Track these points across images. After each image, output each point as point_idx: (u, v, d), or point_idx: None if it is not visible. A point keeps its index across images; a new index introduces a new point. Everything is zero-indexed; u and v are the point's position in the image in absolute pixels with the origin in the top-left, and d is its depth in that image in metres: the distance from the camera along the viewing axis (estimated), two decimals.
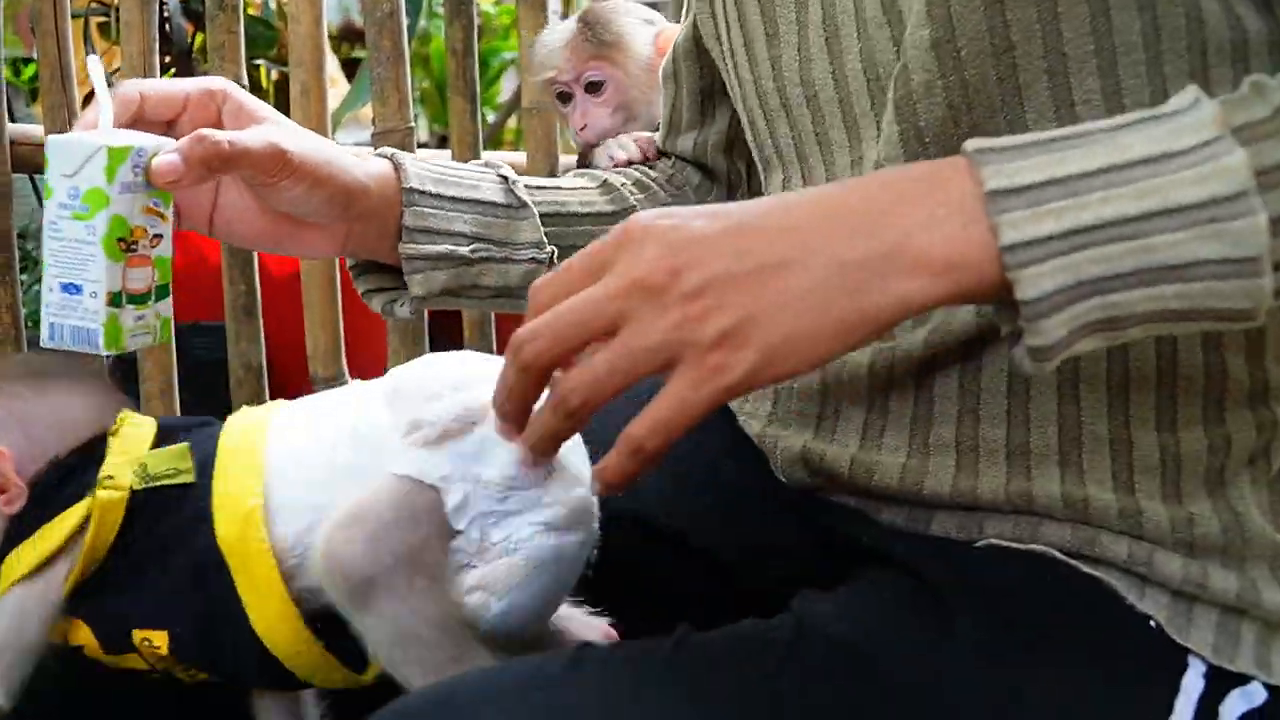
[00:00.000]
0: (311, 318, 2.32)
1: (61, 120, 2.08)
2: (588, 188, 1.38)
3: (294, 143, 1.15)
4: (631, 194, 1.39)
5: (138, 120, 1.17)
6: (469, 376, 1.01)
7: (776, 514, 1.13)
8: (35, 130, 2.11)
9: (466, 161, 2.42)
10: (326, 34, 2.33)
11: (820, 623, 0.95)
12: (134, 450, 1.08)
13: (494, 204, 1.28)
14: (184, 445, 1.08)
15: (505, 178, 1.30)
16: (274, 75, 3.57)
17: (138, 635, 1.05)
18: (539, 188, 1.34)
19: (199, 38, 3.42)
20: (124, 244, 1.13)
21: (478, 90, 2.48)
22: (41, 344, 1.16)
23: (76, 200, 1.14)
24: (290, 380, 2.49)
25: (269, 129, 1.16)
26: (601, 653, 0.95)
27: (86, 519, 1.03)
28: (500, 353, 0.90)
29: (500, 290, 1.29)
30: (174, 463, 1.06)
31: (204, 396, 2.34)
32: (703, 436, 1.20)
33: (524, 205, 1.29)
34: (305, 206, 1.18)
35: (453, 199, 1.26)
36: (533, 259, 1.28)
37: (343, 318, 2.34)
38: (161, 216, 1.17)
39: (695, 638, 0.93)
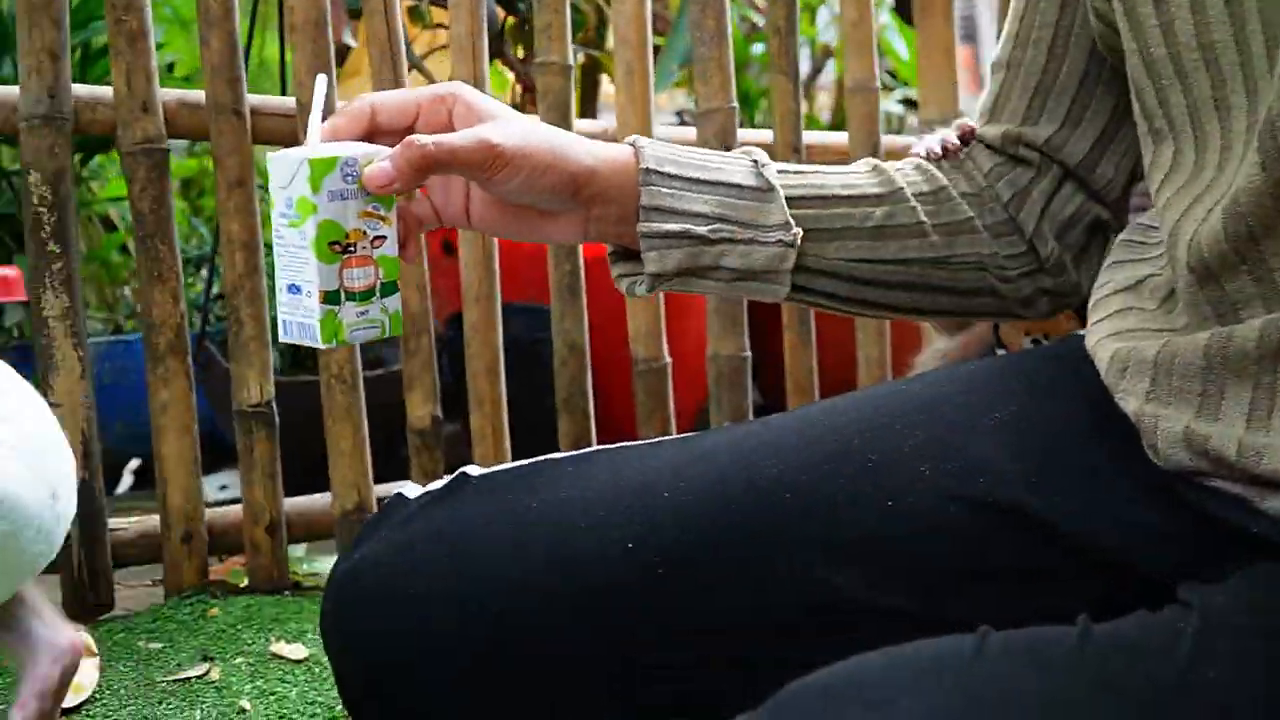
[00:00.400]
0: (633, 300, 2.32)
1: None
2: (855, 171, 1.36)
3: (506, 136, 1.19)
4: (906, 176, 1.35)
5: (375, 132, 1.24)
6: None
7: (1149, 498, 1.10)
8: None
9: (789, 143, 2.42)
10: (650, 13, 2.31)
11: (1223, 614, 0.94)
12: None
13: (739, 186, 1.28)
14: None
15: (756, 161, 1.30)
16: (580, 58, 3.59)
17: None
18: (798, 172, 1.33)
19: (508, 21, 3.46)
20: (338, 246, 1.23)
21: (799, 70, 2.44)
22: (280, 339, 1.27)
23: (291, 209, 1.25)
24: (610, 363, 2.50)
25: (482, 127, 1.20)
26: (1001, 640, 0.94)
27: None
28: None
29: (743, 273, 1.28)
30: None
31: (523, 376, 2.36)
32: (1069, 410, 1.16)
33: (771, 189, 1.28)
34: (530, 196, 1.23)
35: (693, 180, 1.27)
36: (779, 241, 1.27)
37: (664, 300, 2.32)
38: (383, 219, 1.26)
39: (1100, 628, 0.93)
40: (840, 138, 2.66)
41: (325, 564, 2.30)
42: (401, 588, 1.30)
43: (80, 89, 1.97)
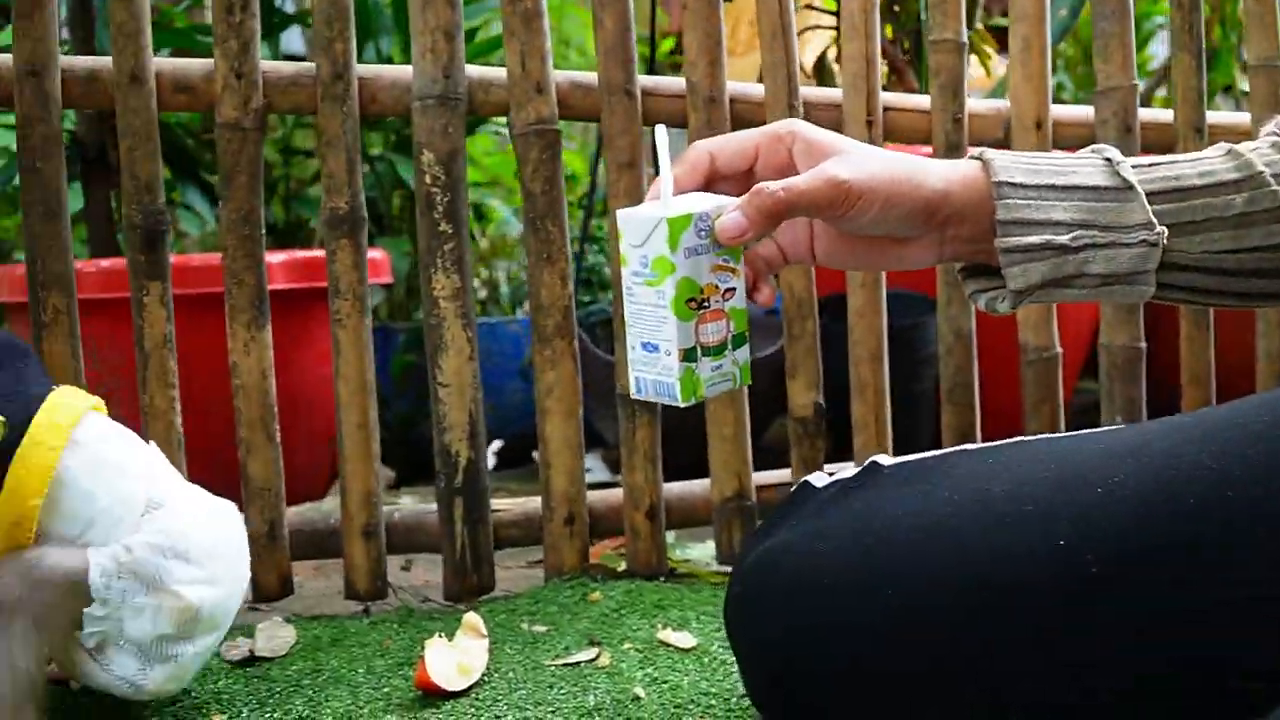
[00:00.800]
0: None
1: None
2: (1210, 157, 1.28)
3: (854, 171, 1.19)
4: (1264, 156, 1.27)
5: (713, 179, 1.27)
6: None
7: None
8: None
9: (1191, 122, 2.26)
10: None
11: None
12: None
13: (1096, 188, 1.23)
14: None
15: (1109, 159, 1.25)
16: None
17: None
18: (1150, 165, 1.26)
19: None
20: (694, 303, 1.24)
21: (1203, 46, 2.28)
22: (631, 395, 1.30)
23: (646, 268, 1.25)
24: (991, 351, 2.40)
25: (828, 164, 1.20)
26: None
27: None
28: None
29: (1108, 278, 1.23)
30: None
31: (894, 363, 2.27)
32: None
33: (1130, 187, 1.23)
34: (884, 226, 1.23)
35: (1049, 187, 1.24)
36: (1143, 241, 1.22)
37: None
38: (732, 271, 1.27)
39: None
40: (1242, 118, 2.49)
41: (697, 551, 2.27)
42: (812, 578, 1.27)
43: (473, 70, 1.98)
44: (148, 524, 1.44)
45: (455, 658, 1.66)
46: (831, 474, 1.42)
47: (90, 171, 3.00)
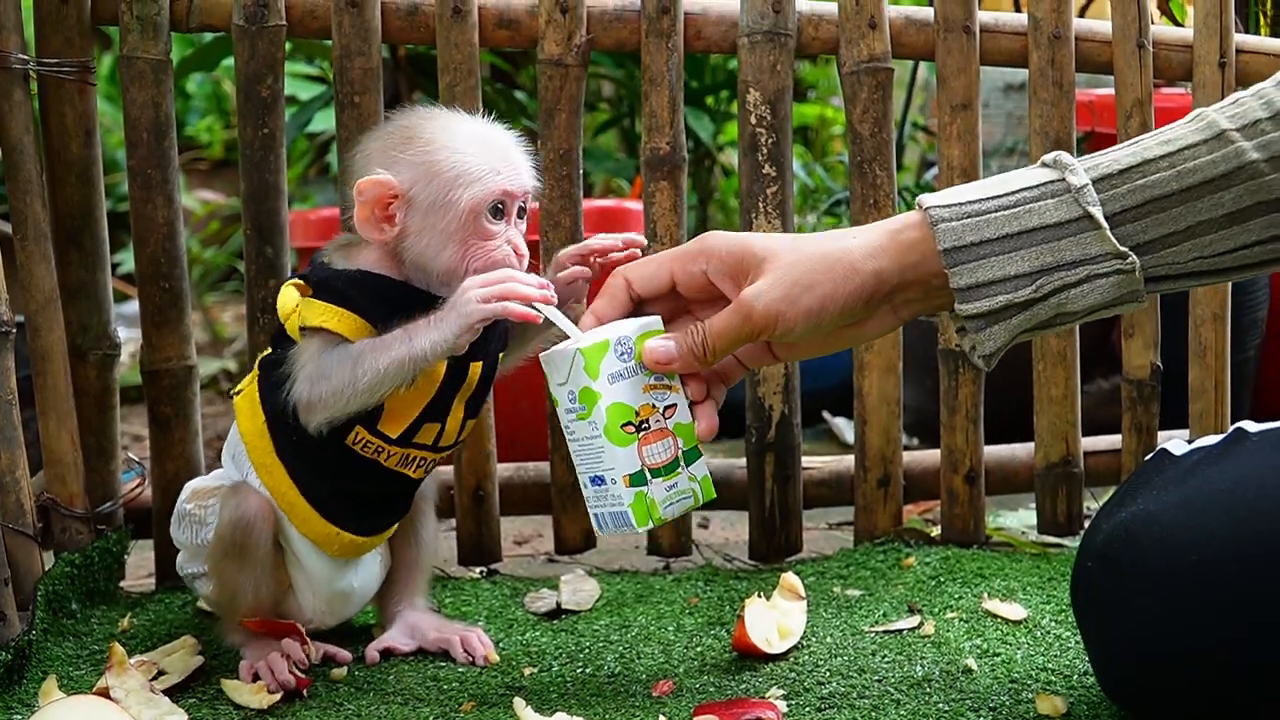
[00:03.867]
0: None
1: None
2: (1186, 141, 1.20)
3: (769, 295, 1.20)
4: (1245, 114, 1.19)
5: (639, 302, 1.30)
6: None
7: None
8: None
9: None
10: None
11: None
12: None
13: (1056, 225, 1.18)
14: None
15: (1065, 181, 1.19)
16: None
17: None
18: (1120, 172, 1.20)
19: None
20: (631, 427, 1.26)
21: None
22: (598, 535, 1.37)
23: (575, 402, 1.27)
24: None
25: (745, 294, 1.21)
26: None
27: None
28: None
29: (1092, 308, 1.19)
30: None
31: None
32: None
33: (1087, 217, 1.17)
34: (824, 329, 1.23)
35: (1001, 238, 1.19)
36: (1117, 270, 1.16)
37: None
38: (668, 388, 1.29)
39: None
40: None
41: (1012, 519, 2.16)
42: (1180, 551, 1.19)
43: (802, 4, 1.89)
44: None
45: (775, 619, 1.59)
46: (1190, 441, 1.32)
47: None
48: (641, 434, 1.27)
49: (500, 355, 1.50)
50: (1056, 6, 1.90)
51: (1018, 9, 2.72)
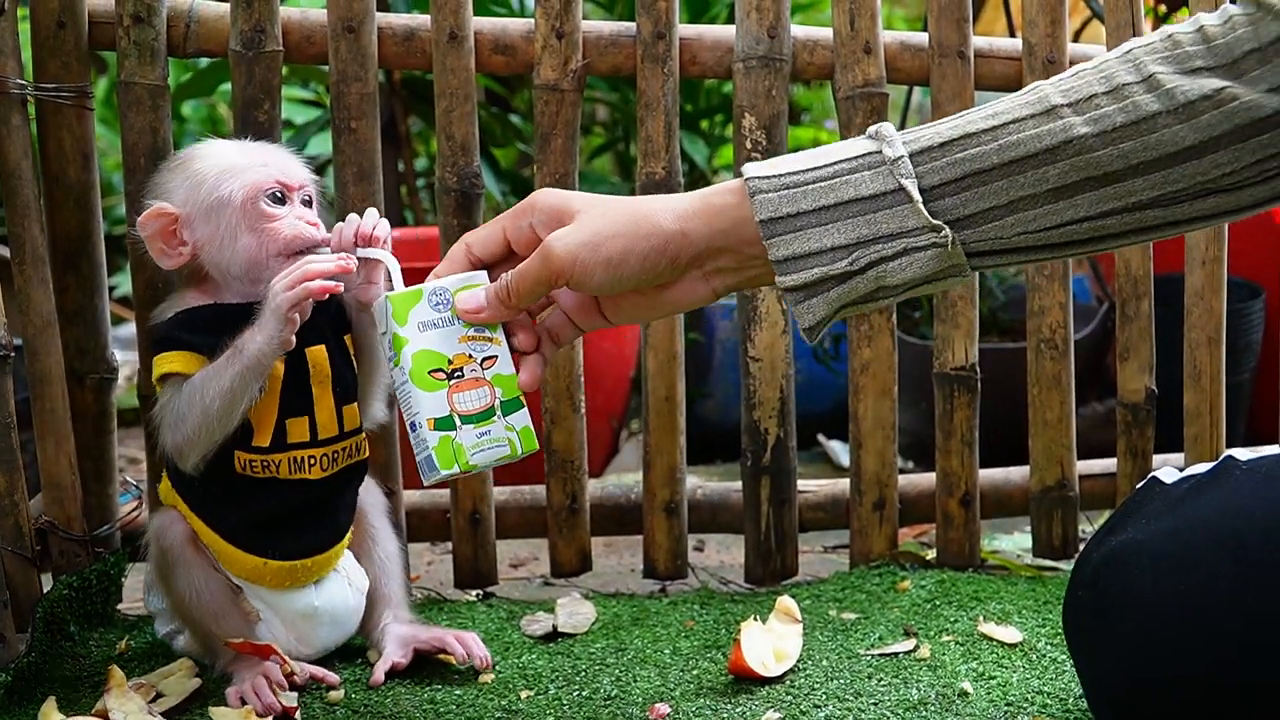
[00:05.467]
0: None
1: None
2: (1021, 116, 1.18)
3: (566, 244, 1.22)
4: (1083, 85, 1.18)
5: (475, 266, 1.32)
6: None
7: None
8: None
9: None
10: None
11: None
12: None
13: (871, 197, 1.17)
14: None
15: (883, 155, 1.17)
16: None
17: None
18: (941, 145, 1.18)
19: None
20: (440, 374, 1.30)
21: None
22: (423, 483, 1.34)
23: (389, 349, 1.32)
24: None
25: (549, 239, 1.23)
26: None
27: None
28: None
29: (912, 283, 1.17)
30: None
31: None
32: None
33: (899, 190, 1.16)
34: (627, 282, 1.23)
35: (817, 210, 1.18)
36: (933, 244, 1.14)
37: None
38: (489, 339, 1.32)
39: None
40: None
41: (1007, 542, 2.16)
42: (1172, 580, 1.20)
43: (798, 29, 1.89)
44: None
45: (770, 642, 1.59)
46: (1181, 469, 1.32)
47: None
48: (454, 381, 1.31)
49: (347, 336, 1.55)
50: (1051, 31, 1.90)
51: (1012, 34, 2.73)
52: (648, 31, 1.84)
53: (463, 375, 1.31)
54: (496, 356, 1.33)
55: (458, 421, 1.31)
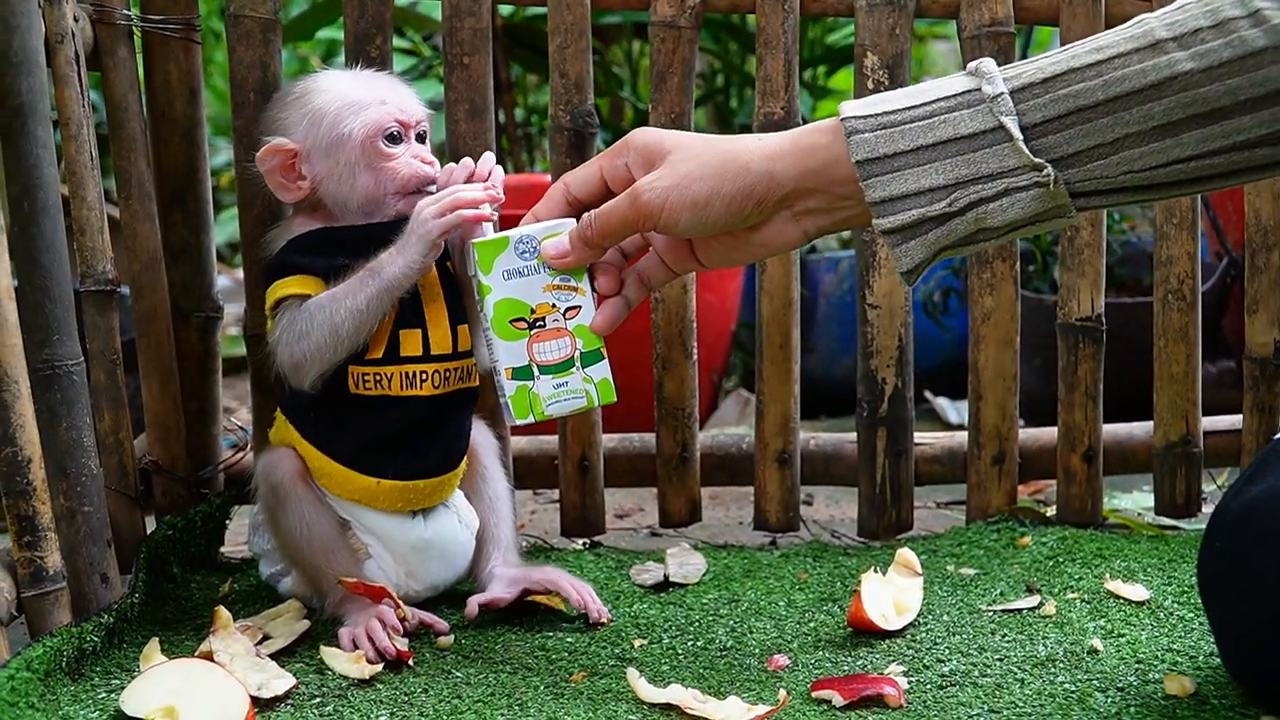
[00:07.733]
0: None
1: None
2: (1125, 51, 1.14)
3: (654, 185, 1.21)
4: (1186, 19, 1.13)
5: (574, 206, 1.31)
6: None
7: None
8: None
9: None
10: None
11: None
12: None
13: (971, 136, 1.13)
14: None
15: (984, 93, 1.13)
16: None
17: None
18: (1045, 81, 1.14)
19: None
20: (522, 323, 1.31)
21: None
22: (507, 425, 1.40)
23: (477, 295, 1.33)
24: None
25: (640, 181, 1.22)
26: None
27: None
28: None
29: (1015, 224, 1.13)
30: None
31: None
32: None
33: (1000, 128, 1.12)
34: (714, 225, 1.22)
35: (915, 150, 1.15)
36: (1035, 183, 1.10)
37: None
38: (574, 289, 1.31)
39: None
40: None
41: (1127, 501, 2.10)
42: None
43: None
44: None
45: (891, 594, 1.54)
46: None
47: None
48: (535, 331, 1.31)
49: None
50: None
51: None
52: None
53: (544, 325, 1.31)
54: (580, 307, 1.32)
55: (536, 371, 1.31)
